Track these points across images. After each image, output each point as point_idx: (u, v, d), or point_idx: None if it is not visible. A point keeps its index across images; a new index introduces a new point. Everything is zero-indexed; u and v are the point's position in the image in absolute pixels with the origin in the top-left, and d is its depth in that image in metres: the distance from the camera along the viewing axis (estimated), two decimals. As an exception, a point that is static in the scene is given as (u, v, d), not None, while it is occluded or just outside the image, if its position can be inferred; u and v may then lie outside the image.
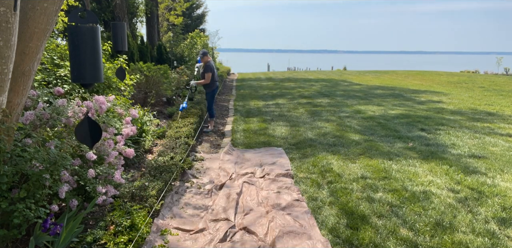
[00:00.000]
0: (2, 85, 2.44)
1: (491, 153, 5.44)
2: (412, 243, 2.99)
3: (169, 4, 22.59)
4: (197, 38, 18.64)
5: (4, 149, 2.50)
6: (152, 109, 8.28)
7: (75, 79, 1.94)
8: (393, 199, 3.84)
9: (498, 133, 6.74)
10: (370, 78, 19.70)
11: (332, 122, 7.74)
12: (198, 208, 3.72)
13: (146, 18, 17.99)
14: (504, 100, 10.80)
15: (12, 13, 2.30)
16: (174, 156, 4.74)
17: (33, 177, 2.56)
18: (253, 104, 10.49)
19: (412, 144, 5.90)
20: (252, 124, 7.65)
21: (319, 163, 4.97)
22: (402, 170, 4.70)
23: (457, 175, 4.52)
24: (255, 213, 3.54)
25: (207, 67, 6.82)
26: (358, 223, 3.32)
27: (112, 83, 5.77)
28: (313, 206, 3.70)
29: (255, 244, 2.99)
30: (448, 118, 8.05)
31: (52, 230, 2.58)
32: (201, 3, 31.71)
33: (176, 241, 3.07)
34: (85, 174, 3.12)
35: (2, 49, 2.33)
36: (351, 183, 4.28)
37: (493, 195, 3.92)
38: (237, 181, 4.41)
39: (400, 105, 10.03)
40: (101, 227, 3.02)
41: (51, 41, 5.98)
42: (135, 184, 3.77)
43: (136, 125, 5.43)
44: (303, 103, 10.47)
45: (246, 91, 13.91)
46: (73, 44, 1.87)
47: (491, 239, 3.05)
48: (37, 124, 3.25)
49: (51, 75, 4.96)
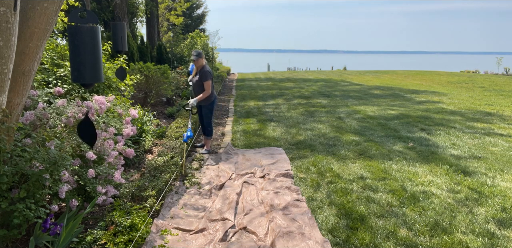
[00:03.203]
0: (2, 85, 2.44)
1: (491, 153, 5.44)
2: (412, 243, 2.99)
3: (169, 4, 22.59)
4: (197, 38, 18.65)
5: (4, 149, 2.50)
6: (152, 109, 8.28)
7: (75, 79, 1.94)
8: (393, 199, 3.84)
9: (498, 133, 6.74)
10: (370, 78, 19.69)
11: (332, 122, 7.74)
12: (198, 208, 3.72)
13: (146, 18, 17.99)
14: (504, 100, 10.80)
15: (12, 13, 2.30)
16: (174, 156, 4.74)
17: (33, 177, 2.56)
18: (253, 104, 10.49)
19: (412, 144, 5.90)
20: (252, 124, 7.65)
21: (319, 163, 4.97)
22: (402, 170, 4.70)
23: (457, 175, 4.52)
24: (255, 213, 3.54)
25: (206, 73, 5.15)
26: (358, 223, 3.32)
27: (112, 83, 5.77)
28: (313, 206, 3.70)
29: (255, 244, 2.99)
30: (448, 118, 8.05)
31: (52, 230, 2.58)
32: (201, 3, 31.72)
33: (176, 241, 3.07)
34: (85, 174, 3.12)
35: (2, 49, 2.33)
36: (351, 183, 4.28)
37: (493, 195, 3.92)
38: (237, 181, 4.41)
39: (400, 105, 10.02)
40: (101, 227, 3.03)
41: (51, 41, 5.98)
42: (135, 184, 3.77)
43: (136, 125, 5.43)
44: (303, 103, 10.46)
45: (246, 91, 13.90)
46: (73, 44, 1.87)
47: (491, 239, 3.05)
48: (37, 124, 3.25)
49: (51, 75, 4.96)
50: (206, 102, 5.34)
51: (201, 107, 5.46)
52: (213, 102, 5.45)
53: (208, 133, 5.56)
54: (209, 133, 5.56)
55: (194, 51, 5.16)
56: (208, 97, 5.29)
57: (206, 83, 5.13)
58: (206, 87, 5.15)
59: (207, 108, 5.42)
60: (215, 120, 8.23)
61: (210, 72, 5.20)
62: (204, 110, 5.44)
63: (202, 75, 5.15)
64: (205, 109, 5.43)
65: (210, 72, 5.21)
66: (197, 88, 5.28)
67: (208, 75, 5.15)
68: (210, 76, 5.17)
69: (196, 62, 5.18)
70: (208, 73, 5.16)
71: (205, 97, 5.19)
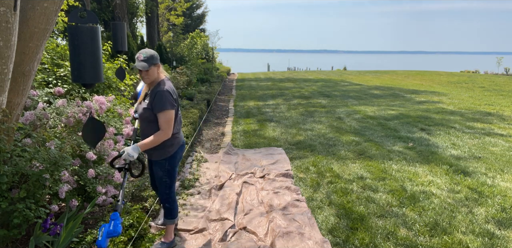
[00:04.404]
0: (2, 85, 2.44)
1: (491, 153, 5.44)
2: (412, 243, 2.99)
3: (169, 4, 22.59)
4: (197, 38, 18.66)
5: (4, 149, 2.50)
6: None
7: (76, 79, 1.94)
8: (393, 199, 3.84)
9: (498, 133, 6.74)
10: (370, 78, 19.70)
11: (332, 122, 7.74)
12: (197, 208, 3.72)
13: (146, 18, 18.01)
14: (504, 100, 10.80)
15: (12, 13, 2.30)
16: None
17: (33, 177, 2.56)
18: (252, 104, 10.49)
19: (412, 144, 5.90)
20: (252, 124, 7.65)
21: (319, 163, 4.97)
22: (402, 170, 4.70)
23: (457, 175, 4.52)
24: (255, 213, 3.54)
25: (165, 94, 2.60)
26: (357, 223, 3.32)
27: (112, 83, 5.77)
28: (312, 206, 3.70)
29: (255, 244, 2.99)
30: (448, 118, 8.05)
31: (52, 230, 2.58)
32: (201, 3, 31.75)
33: (176, 241, 3.07)
34: (85, 174, 3.12)
35: (2, 49, 2.33)
36: (351, 183, 4.28)
37: (493, 195, 3.92)
38: (237, 181, 4.41)
39: (400, 105, 10.03)
40: (101, 227, 3.02)
41: (51, 41, 5.98)
42: (135, 184, 3.77)
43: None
44: (303, 103, 10.47)
45: (246, 91, 13.91)
46: (73, 44, 1.87)
47: (491, 239, 3.05)
48: (37, 124, 3.25)
49: (51, 75, 4.96)
50: (161, 155, 2.76)
51: (151, 163, 2.95)
52: (175, 155, 2.80)
53: (167, 213, 2.91)
54: (168, 213, 2.91)
55: (143, 53, 2.60)
56: (164, 144, 2.69)
57: (162, 114, 2.58)
58: (161, 122, 2.59)
59: (163, 167, 2.79)
60: (215, 120, 8.23)
61: (171, 92, 2.64)
62: (156, 170, 2.83)
63: (155, 99, 2.60)
64: (158, 169, 2.81)
65: (172, 92, 2.67)
66: (144, 125, 2.73)
67: (166, 99, 2.58)
68: (170, 100, 2.60)
69: (146, 73, 2.63)
70: (166, 94, 2.59)
71: (156, 143, 2.60)
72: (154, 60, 2.64)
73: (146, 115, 2.67)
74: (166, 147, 2.72)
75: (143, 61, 2.59)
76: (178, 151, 2.83)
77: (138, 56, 2.61)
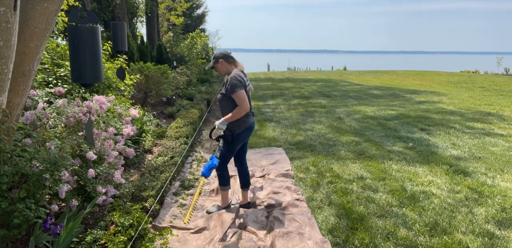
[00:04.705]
0: (2, 85, 2.44)
1: (491, 153, 5.44)
2: (412, 243, 2.99)
3: (169, 4, 22.60)
4: (197, 38, 18.66)
5: (4, 149, 2.50)
6: (152, 109, 8.28)
7: (76, 79, 1.94)
8: (393, 199, 3.84)
9: (498, 133, 6.74)
10: (370, 78, 19.70)
11: (332, 122, 7.74)
12: (197, 208, 3.72)
13: (146, 18, 18.01)
14: (504, 100, 10.80)
15: (12, 13, 2.30)
16: (174, 156, 4.74)
17: (33, 177, 2.56)
18: (252, 104, 10.49)
19: (412, 144, 5.90)
20: (252, 124, 7.65)
21: (318, 163, 4.97)
22: (402, 170, 4.70)
23: (457, 175, 4.52)
24: (255, 213, 3.54)
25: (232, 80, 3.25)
26: (357, 223, 3.32)
27: (112, 83, 5.76)
28: (312, 206, 3.71)
29: (255, 244, 2.99)
30: (448, 118, 8.05)
31: (52, 230, 2.58)
32: (201, 3, 31.75)
33: (175, 241, 3.07)
34: (85, 174, 3.12)
35: (2, 49, 2.33)
36: (351, 183, 4.28)
37: (493, 195, 3.92)
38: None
39: (400, 105, 10.03)
40: (101, 227, 3.02)
41: (51, 41, 5.98)
42: (135, 184, 3.77)
43: (136, 125, 5.43)
44: (302, 103, 10.47)
45: (246, 91, 13.90)
46: (73, 44, 1.87)
47: (491, 239, 3.05)
48: (37, 124, 3.25)
49: (51, 75, 4.96)
50: (231, 128, 3.31)
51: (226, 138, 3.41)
52: (241, 132, 3.34)
53: (219, 180, 3.62)
54: (219, 180, 3.61)
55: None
56: (238, 119, 3.26)
57: (234, 95, 3.20)
58: (237, 101, 3.20)
59: (225, 138, 3.37)
60: (215, 120, 8.23)
61: (237, 77, 3.25)
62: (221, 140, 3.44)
63: (226, 85, 3.29)
64: (223, 139, 3.41)
65: (238, 76, 3.26)
66: (223, 107, 3.41)
67: (234, 83, 3.21)
68: (237, 83, 3.21)
69: (216, 69, 3.47)
70: (233, 80, 3.23)
71: (237, 116, 3.21)
72: (215, 59, 3.39)
73: (223, 99, 3.34)
74: (238, 121, 3.29)
75: (211, 61, 3.47)
76: (247, 126, 3.38)
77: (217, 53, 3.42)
